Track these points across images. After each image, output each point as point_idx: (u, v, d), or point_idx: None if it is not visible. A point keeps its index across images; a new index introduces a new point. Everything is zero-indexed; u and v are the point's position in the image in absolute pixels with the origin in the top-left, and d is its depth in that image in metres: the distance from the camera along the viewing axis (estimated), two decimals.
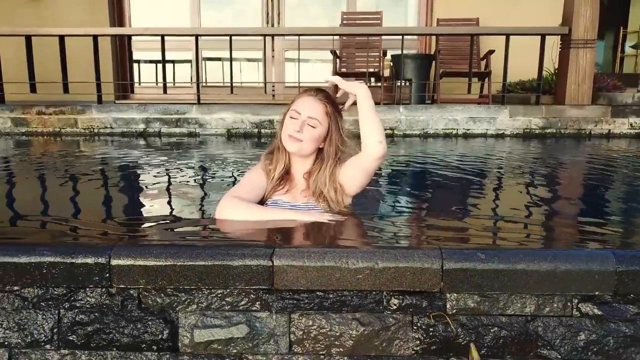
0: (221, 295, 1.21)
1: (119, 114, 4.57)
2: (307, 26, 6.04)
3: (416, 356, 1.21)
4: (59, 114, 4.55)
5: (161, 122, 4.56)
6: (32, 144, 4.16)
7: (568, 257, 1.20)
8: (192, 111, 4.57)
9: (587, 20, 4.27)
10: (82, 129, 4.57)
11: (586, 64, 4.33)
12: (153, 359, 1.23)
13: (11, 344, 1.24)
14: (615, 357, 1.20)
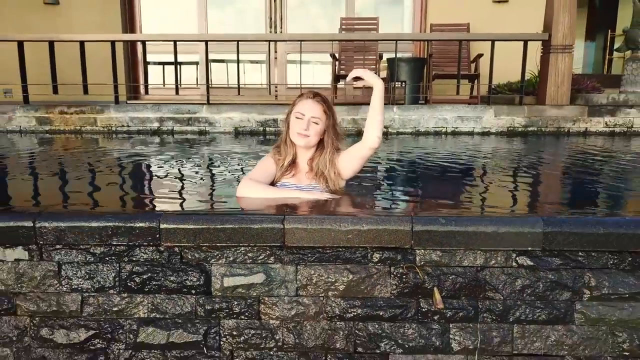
0: (244, 251, 1.58)
1: (134, 114, 4.94)
2: (308, 33, 6.40)
3: (393, 297, 1.58)
4: (79, 113, 4.93)
5: (174, 121, 4.94)
6: (62, 141, 4.52)
7: (507, 222, 1.57)
8: (203, 111, 4.95)
9: (565, 27, 4.63)
10: (101, 127, 4.95)
11: (565, 68, 4.70)
12: (192, 300, 1.60)
13: (83, 289, 1.61)
14: (543, 297, 1.57)
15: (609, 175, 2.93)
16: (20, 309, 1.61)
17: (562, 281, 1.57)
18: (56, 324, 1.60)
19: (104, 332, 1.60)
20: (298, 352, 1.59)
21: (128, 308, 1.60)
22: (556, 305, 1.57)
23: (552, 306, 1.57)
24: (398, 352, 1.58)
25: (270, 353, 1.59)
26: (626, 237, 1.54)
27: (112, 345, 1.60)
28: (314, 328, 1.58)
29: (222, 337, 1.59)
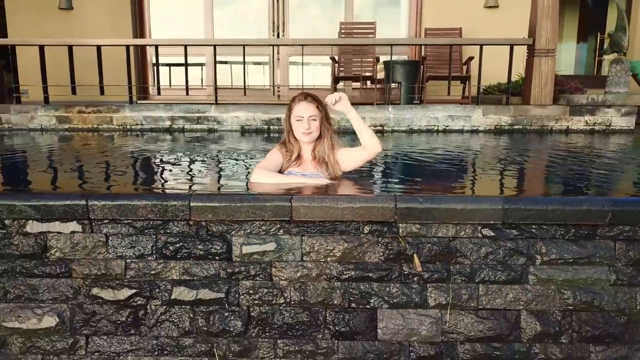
0: (259, 225, 1.92)
1: (148, 113, 5.29)
2: (309, 37, 6.74)
3: (380, 262, 1.92)
4: (96, 112, 5.27)
5: (184, 120, 5.28)
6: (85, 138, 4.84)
7: (474, 200, 1.91)
8: (211, 110, 5.29)
9: (548, 32, 4.96)
10: (117, 126, 5.29)
11: (548, 70, 5.04)
12: (216, 265, 1.94)
13: (126, 256, 1.95)
14: (503, 262, 1.91)
15: (571, 166, 3.31)
16: (75, 272, 1.95)
17: (518, 249, 1.91)
18: (104, 284, 1.95)
19: (144, 291, 1.94)
20: (302, 308, 1.93)
21: (163, 272, 1.94)
22: (513, 269, 1.91)
23: (510, 269, 1.91)
24: (385, 307, 1.91)
25: (280, 308, 1.93)
26: (570, 213, 1.88)
27: (150, 301, 1.94)
28: (315, 287, 1.92)
29: (240, 295, 1.93)
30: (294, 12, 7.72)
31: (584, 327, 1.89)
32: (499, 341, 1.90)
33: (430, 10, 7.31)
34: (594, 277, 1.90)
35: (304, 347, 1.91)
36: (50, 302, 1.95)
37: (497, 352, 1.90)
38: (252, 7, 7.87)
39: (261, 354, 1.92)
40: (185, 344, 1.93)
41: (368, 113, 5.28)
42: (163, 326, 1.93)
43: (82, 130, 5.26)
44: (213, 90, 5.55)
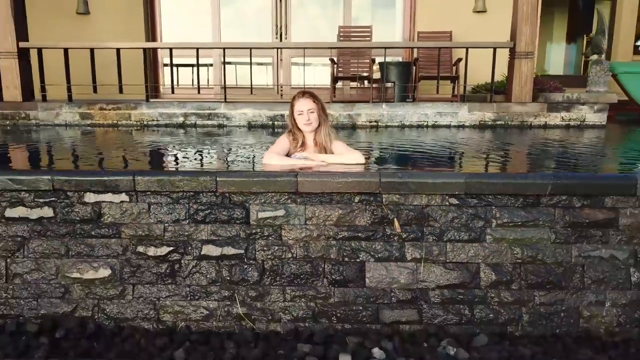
0: (271, 196, 2.39)
1: (163, 110, 5.76)
2: (310, 40, 7.20)
3: (368, 225, 2.39)
4: (116, 109, 5.75)
5: (196, 116, 5.75)
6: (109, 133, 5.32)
7: (442, 176, 2.39)
8: (221, 107, 5.76)
9: (527, 37, 5.43)
10: (135, 121, 5.76)
11: (527, 71, 5.51)
12: (237, 227, 2.41)
13: (165, 221, 2.42)
14: (466, 225, 2.38)
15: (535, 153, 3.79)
16: (123, 233, 2.42)
17: (477, 214, 2.38)
18: (147, 243, 2.42)
19: (179, 248, 2.41)
20: (306, 261, 2.40)
21: (194, 233, 2.41)
22: (474, 230, 2.38)
23: (471, 231, 2.38)
24: (371, 260, 2.39)
25: (288, 262, 2.40)
26: (520, 185, 2.36)
27: (184, 257, 2.41)
28: (316, 245, 2.39)
29: (256, 251, 2.40)
30: (295, 14, 8.17)
31: (529, 276, 2.37)
32: (462, 288, 2.38)
33: (423, 15, 7.77)
34: (538, 237, 2.37)
35: (306, 292, 2.39)
36: (104, 258, 2.42)
37: (460, 296, 2.37)
38: (256, 10, 8.33)
39: (273, 299, 2.39)
40: (212, 291, 2.40)
41: (364, 110, 5.76)
42: (194, 277, 2.41)
43: (103, 126, 5.73)
44: (220, 89, 6.02)
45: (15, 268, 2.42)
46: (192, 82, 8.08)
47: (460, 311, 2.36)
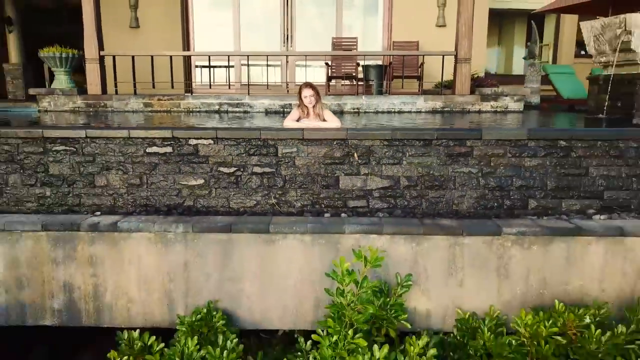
0: (289, 141, 4.38)
1: (203, 100, 7.77)
2: (310, 50, 9.21)
3: (340, 156, 4.38)
4: (169, 100, 7.76)
5: (228, 105, 7.76)
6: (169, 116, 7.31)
7: (379, 129, 4.41)
8: (245, 99, 7.77)
9: (465, 48, 7.42)
10: (183, 109, 7.77)
11: (466, 72, 7.50)
12: (271, 157, 4.39)
13: (232, 154, 4.43)
14: (392, 155, 4.38)
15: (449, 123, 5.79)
16: (210, 160, 4.42)
17: (398, 150, 4.38)
18: (223, 165, 4.42)
19: (240, 168, 4.42)
20: (308, 175, 4.40)
21: (248, 160, 4.41)
22: (396, 158, 4.38)
23: (395, 158, 4.38)
24: (342, 175, 4.39)
25: (298, 176, 4.40)
26: (420, 133, 4.36)
27: (243, 173, 4.42)
28: (313, 167, 4.39)
29: (282, 170, 4.39)
30: (299, 26, 10.17)
31: (426, 182, 4.37)
32: (390, 189, 4.38)
33: (397, 27, 9.76)
34: (430, 161, 4.38)
35: (308, 192, 4.39)
36: (200, 174, 4.43)
37: (389, 193, 4.38)
38: (267, 23, 10.32)
39: (290, 195, 4.39)
40: (257, 191, 4.41)
41: (349, 100, 7.76)
42: (248, 184, 4.42)
43: (160, 112, 7.74)
44: (240, 86, 8.01)
45: (151, 179, 4.43)
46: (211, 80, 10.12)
47: (389, 201, 4.37)
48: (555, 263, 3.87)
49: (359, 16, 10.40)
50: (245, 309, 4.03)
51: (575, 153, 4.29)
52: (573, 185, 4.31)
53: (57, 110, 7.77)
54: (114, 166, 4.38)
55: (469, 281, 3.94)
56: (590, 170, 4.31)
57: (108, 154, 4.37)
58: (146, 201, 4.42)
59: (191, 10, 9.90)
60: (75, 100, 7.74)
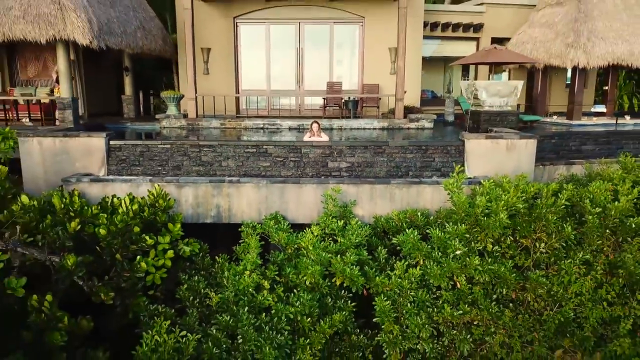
0: (307, 147, 9.85)
1: (254, 121, 13.19)
2: (314, 89, 14.73)
3: (328, 154, 9.87)
4: (234, 121, 13.20)
5: (268, 124, 13.19)
6: (237, 131, 12.78)
7: (344, 143, 9.94)
8: (277, 121, 13.19)
9: (400, 92, 12.83)
10: (242, 127, 13.19)
11: (400, 105, 12.87)
12: (298, 154, 9.86)
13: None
14: (352, 153, 9.87)
15: (385, 136, 11.27)
16: (272, 154, 9.90)
17: (353, 150, 9.86)
18: (277, 157, 9.90)
19: (285, 158, 9.87)
20: (314, 162, 9.84)
21: (288, 155, 9.85)
22: (352, 154, 9.86)
23: (352, 154, 9.86)
24: (329, 161, 9.84)
25: (310, 162, 9.85)
26: (363, 143, 9.85)
27: (285, 160, 9.88)
28: (317, 158, 9.83)
29: (303, 159, 9.84)
30: (306, 72, 15.64)
31: (363, 164, 9.76)
32: (349, 167, 9.87)
33: (367, 74, 15.17)
34: (366, 155, 9.83)
35: (315, 168, 9.84)
36: (267, 160, 9.91)
37: (349, 168, 9.87)
38: (287, 69, 15.78)
39: (307, 170, 9.86)
40: (292, 168, 9.87)
41: (336, 121, 13.20)
42: (288, 165, 9.88)
43: (230, 129, 13.17)
44: (271, 109, 13.45)
45: (247, 163, 9.88)
46: (257, 106, 15.66)
47: (349, 172, 9.80)
48: (412, 194, 9.37)
49: (344, 66, 15.80)
50: (291, 214, 9.47)
51: (429, 151, 9.81)
52: (427, 166, 9.82)
53: (170, 127, 13.23)
54: (230, 157, 9.88)
55: (378, 202, 9.44)
56: (435, 158, 9.82)
57: (228, 152, 9.86)
58: (245, 173, 9.92)
59: (240, 63, 15.30)
60: (181, 122, 13.21)
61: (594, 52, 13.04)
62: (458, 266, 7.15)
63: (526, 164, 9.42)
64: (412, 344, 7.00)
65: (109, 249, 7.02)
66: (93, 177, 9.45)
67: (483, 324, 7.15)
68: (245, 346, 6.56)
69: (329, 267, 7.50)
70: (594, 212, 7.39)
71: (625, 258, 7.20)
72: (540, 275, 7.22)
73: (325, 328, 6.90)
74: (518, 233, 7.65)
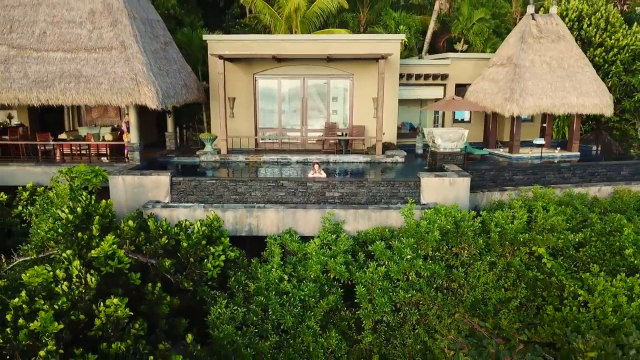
0: (311, 182, 13.42)
1: (270, 156, 16.71)
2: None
3: (326, 186, 13.42)
4: (255, 156, 16.71)
5: (281, 159, 16.69)
6: (255, 165, 16.31)
7: (337, 178, 13.52)
8: (287, 155, 16.72)
9: (379, 134, 16.35)
10: (262, 161, 16.70)
11: (379, 145, 16.38)
12: (305, 186, 13.42)
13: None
14: (342, 186, 13.42)
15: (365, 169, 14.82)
16: (286, 186, 13.45)
17: (342, 184, 13.41)
18: (290, 188, 13.44)
19: (294, 189, 13.42)
20: (316, 192, 13.36)
21: (297, 187, 13.40)
22: (342, 186, 13.41)
23: (342, 187, 13.40)
24: (326, 191, 13.40)
25: (313, 192, 13.40)
26: (350, 179, 13.40)
27: (296, 190, 13.43)
28: (317, 189, 13.38)
29: (308, 190, 13.38)
30: (310, 114, 19.20)
31: (351, 194, 13.34)
32: (340, 196, 13.41)
33: (355, 117, 18.70)
34: (352, 187, 13.36)
35: (316, 197, 13.40)
36: (283, 191, 13.45)
37: (340, 197, 13.41)
38: (295, 111, 19.33)
39: (310, 198, 13.41)
40: (300, 196, 13.40)
41: (332, 156, 16.70)
42: (298, 194, 13.42)
43: (252, 162, 16.67)
44: (282, 143, 16.98)
45: (269, 192, 13.41)
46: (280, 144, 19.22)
47: (340, 199, 13.33)
48: (383, 216, 12.88)
49: (338, 110, 19.31)
50: (300, 230, 12.85)
51: (396, 185, 13.37)
52: (395, 195, 13.38)
53: (207, 161, 16.68)
54: (257, 189, 13.38)
55: (360, 221, 12.96)
56: (400, 190, 13.39)
57: (255, 185, 13.39)
58: (267, 200, 13.47)
59: (257, 108, 18.84)
60: (215, 157, 16.71)
61: (525, 105, 16.60)
62: (409, 265, 10.69)
63: (463, 194, 12.95)
64: (379, 316, 10.50)
65: (186, 255, 10.56)
66: (162, 203, 12.99)
67: (425, 303, 10.66)
68: (274, 316, 10.09)
69: (326, 266, 11.03)
70: (495, 230, 10.94)
71: (515, 261, 10.75)
72: (462, 271, 10.76)
73: (324, 305, 10.43)
74: (450, 243, 11.20)
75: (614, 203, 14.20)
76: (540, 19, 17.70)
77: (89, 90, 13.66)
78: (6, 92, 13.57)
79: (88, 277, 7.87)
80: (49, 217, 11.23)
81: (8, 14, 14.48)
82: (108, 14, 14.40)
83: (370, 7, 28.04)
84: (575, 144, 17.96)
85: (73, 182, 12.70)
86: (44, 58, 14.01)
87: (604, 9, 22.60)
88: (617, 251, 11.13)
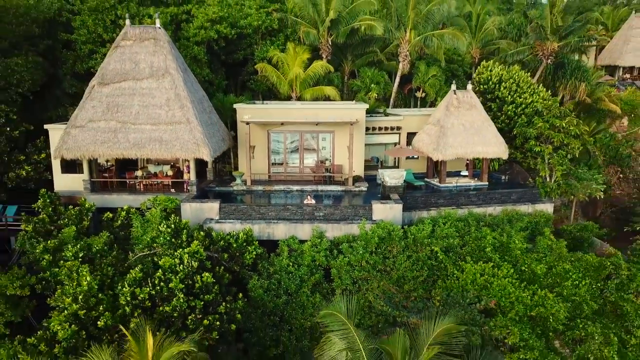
0: (306, 207, 20.38)
1: (278, 187, 23.64)
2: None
3: (316, 209, 20.38)
4: (269, 186, 23.70)
5: (285, 188, 23.58)
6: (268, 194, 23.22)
7: (325, 205, 20.55)
8: (290, 186, 23.63)
9: (352, 170, 23.25)
10: (273, 190, 23.66)
11: (351, 179, 23.34)
12: (301, 209, 20.36)
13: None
14: (325, 209, 20.39)
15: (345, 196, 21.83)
16: (290, 210, 20.37)
17: (325, 208, 20.37)
18: (292, 211, 20.37)
19: (295, 210, 20.36)
20: (308, 212, 20.31)
21: (297, 210, 20.37)
22: (326, 209, 20.37)
23: (326, 210, 20.36)
24: (315, 212, 20.34)
25: (306, 212, 20.34)
26: (331, 207, 20.39)
27: (296, 211, 20.36)
28: (309, 210, 20.34)
29: (304, 212, 20.32)
30: (305, 156, 26.14)
31: (334, 213, 20.30)
32: (325, 214, 20.34)
33: (336, 158, 25.67)
34: (334, 209, 20.31)
35: (308, 215, 20.37)
36: (289, 213, 20.40)
37: (324, 215, 20.35)
38: (294, 154, 26.21)
39: (305, 216, 20.35)
40: (299, 215, 20.32)
41: (319, 186, 23.63)
42: (298, 214, 20.35)
43: (267, 191, 23.58)
44: (287, 173, 23.93)
45: (283, 212, 20.34)
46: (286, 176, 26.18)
47: (325, 217, 20.25)
48: (349, 228, 19.75)
49: (325, 154, 26.26)
50: (299, 236, 19.46)
51: (357, 208, 20.38)
52: (357, 214, 20.34)
53: (238, 190, 23.58)
54: (272, 211, 20.30)
55: (335, 231, 19.78)
56: (360, 211, 20.37)
57: (271, 209, 20.36)
58: (279, 217, 20.42)
59: (270, 152, 25.78)
60: (243, 187, 23.59)
61: (447, 153, 23.57)
62: (361, 257, 17.73)
63: (398, 214, 19.88)
64: (344, 286, 17.54)
65: (234, 252, 17.60)
66: (215, 220, 19.94)
67: (370, 279, 17.69)
68: (284, 285, 17.15)
69: (314, 257, 18.09)
70: (410, 237, 18.01)
71: (422, 255, 17.83)
72: (392, 261, 17.80)
73: (312, 280, 17.45)
74: (385, 244, 18.27)
75: (496, 218, 21.25)
76: (459, 94, 24.72)
77: (167, 149, 20.59)
78: (116, 150, 20.53)
79: (192, 262, 14.84)
80: (152, 229, 18.18)
81: (115, 100, 21.37)
82: (178, 100, 21.36)
83: (352, 62, 34.97)
84: (484, 176, 24.95)
85: (157, 206, 19.62)
86: (138, 129, 20.93)
87: (516, 75, 29.75)
88: (482, 249, 18.21)
